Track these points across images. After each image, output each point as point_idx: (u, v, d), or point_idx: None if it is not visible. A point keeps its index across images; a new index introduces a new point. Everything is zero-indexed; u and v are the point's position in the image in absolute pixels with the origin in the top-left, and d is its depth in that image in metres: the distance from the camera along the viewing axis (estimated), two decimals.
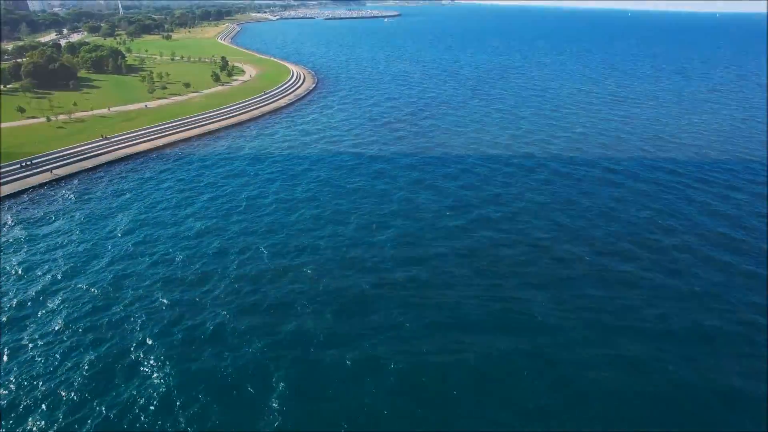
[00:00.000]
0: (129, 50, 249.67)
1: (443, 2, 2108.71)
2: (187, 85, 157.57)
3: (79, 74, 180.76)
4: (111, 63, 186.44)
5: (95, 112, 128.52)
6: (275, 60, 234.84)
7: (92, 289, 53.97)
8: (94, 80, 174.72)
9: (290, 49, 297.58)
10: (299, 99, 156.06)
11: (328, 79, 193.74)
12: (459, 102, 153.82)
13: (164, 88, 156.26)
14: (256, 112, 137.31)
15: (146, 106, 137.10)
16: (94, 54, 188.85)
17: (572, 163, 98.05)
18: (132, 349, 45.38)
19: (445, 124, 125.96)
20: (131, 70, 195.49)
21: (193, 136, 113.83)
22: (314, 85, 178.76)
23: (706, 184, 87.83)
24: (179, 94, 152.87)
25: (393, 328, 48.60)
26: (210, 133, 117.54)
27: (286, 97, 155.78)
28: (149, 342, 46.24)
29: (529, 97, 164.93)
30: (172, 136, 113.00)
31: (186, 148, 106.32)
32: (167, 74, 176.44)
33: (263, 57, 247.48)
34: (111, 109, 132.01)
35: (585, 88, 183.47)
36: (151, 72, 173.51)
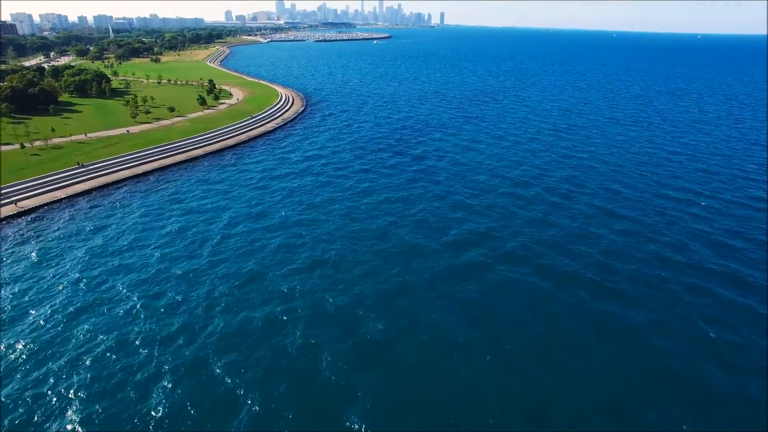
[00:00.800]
0: (115, 73, 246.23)
1: (432, 24, 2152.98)
2: (172, 110, 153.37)
3: (61, 98, 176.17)
4: (95, 87, 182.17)
5: (74, 137, 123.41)
6: (264, 83, 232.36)
7: (36, 347, 48.11)
8: (77, 104, 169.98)
9: (280, 72, 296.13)
10: (287, 123, 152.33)
11: (317, 101, 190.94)
12: (451, 126, 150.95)
13: (148, 112, 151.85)
14: (243, 137, 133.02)
15: (128, 131, 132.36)
16: (77, 78, 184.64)
17: (570, 192, 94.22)
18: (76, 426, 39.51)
19: (436, 151, 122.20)
20: (116, 93, 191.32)
21: (173, 164, 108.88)
22: (303, 108, 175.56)
23: (707, 211, 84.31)
24: (163, 119, 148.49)
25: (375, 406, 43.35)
26: (192, 159, 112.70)
27: (274, 121, 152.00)
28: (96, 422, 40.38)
29: (521, 119, 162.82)
30: (152, 163, 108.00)
31: (164, 176, 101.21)
32: (152, 98, 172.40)
33: (252, 80, 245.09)
34: (89, 135, 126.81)
35: (576, 110, 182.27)
36: (136, 96, 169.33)
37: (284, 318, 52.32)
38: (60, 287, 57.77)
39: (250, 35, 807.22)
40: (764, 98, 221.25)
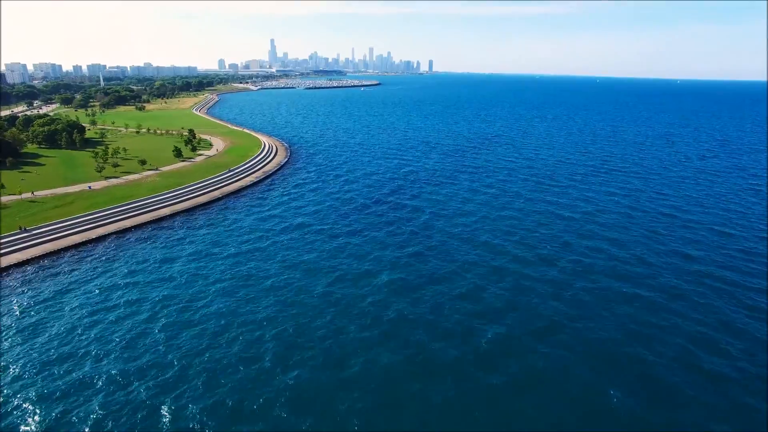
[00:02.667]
0: (93, 122, 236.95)
1: (421, 71, 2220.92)
2: (143, 163, 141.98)
3: (28, 150, 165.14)
4: (65, 137, 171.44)
5: (24, 195, 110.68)
6: (247, 131, 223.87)
7: None
8: (43, 156, 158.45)
9: (266, 120, 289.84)
10: (268, 176, 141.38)
11: (301, 152, 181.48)
12: (445, 178, 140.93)
13: (116, 165, 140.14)
14: (216, 193, 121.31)
15: (90, 187, 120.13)
16: (47, 128, 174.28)
17: (581, 269, 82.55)
18: None
19: (435, 216, 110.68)
20: (89, 144, 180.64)
21: (133, 226, 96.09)
22: (286, 159, 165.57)
23: (726, 284, 72.60)
24: (133, 173, 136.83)
25: None
26: (151, 222, 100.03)
27: (254, 174, 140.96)
28: None
29: (517, 169, 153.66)
30: (109, 226, 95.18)
31: (108, 245, 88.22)
32: (125, 149, 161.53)
33: (236, 128, 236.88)
34: (45, 192, 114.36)
35: (573, 158, 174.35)
36: (107, 147, 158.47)
37: None
38: None
39: (241, 83, 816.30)
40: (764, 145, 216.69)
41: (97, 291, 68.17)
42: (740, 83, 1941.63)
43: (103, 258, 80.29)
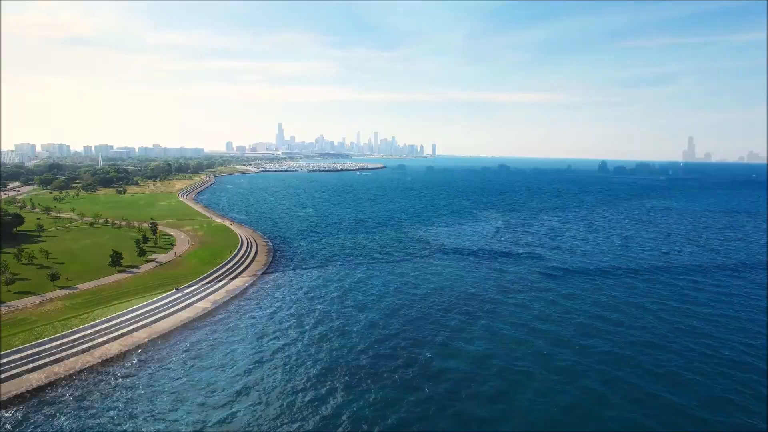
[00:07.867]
0: (47, 209, 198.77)
1: (425, 155, 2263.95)
2: (54, 277, 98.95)
3: None
4: None
5: None
6: (228, 224, 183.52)
7: None
8: None
9: (257, 207, 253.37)
10: (233, 297, 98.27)
11: (288, 255, 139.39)
12: (480, 310, 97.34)
13: (11, 282, 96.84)
14: (142, 335, 77.72)
15: None
16: None
17: None
18: None
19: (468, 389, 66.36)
20: (18, 239, 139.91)
21: None
22: (265, 267, 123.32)
23: None
24: (34, 294, 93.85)
25: None
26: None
27: (210, 298, 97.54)
28: None
29: (570, 313, 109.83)
30: None
31: None
32: (47, 253, 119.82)
33: (216, 219, 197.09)
34: None
35: (625, 280, 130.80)
36: (23, 249, 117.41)
37: None
38: None
39: (244, 164, 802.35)
40: None
41: None
42: (742, 166, 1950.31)
43: None
